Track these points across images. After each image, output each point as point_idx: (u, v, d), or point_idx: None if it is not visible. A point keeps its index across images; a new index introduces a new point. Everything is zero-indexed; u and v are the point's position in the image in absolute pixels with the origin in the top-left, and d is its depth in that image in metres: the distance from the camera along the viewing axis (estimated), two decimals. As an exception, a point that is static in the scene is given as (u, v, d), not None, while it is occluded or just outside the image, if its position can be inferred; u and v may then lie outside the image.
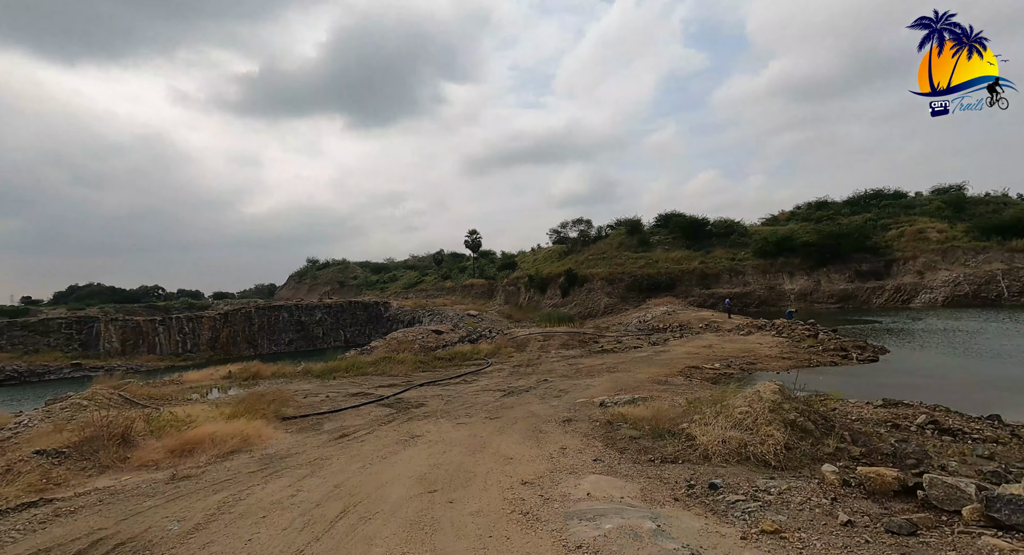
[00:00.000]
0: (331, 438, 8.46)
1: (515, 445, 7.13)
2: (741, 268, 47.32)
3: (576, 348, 22.61)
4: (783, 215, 56.76)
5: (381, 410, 11.33)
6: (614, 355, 19.35)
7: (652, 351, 19.26)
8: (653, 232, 54.53)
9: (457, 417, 9.98)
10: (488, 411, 10.47)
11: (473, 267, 68.01)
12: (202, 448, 7.49)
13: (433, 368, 18.79)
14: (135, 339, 42.81)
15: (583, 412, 9.70)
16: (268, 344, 48.15)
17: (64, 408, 13.50)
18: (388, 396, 13.21)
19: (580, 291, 50.40)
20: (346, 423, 9.86)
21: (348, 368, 18.60)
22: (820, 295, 42.96)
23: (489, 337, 25.10)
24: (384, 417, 10.36)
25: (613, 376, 14.48)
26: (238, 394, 15.27)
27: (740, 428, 5.70)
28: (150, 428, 8.29)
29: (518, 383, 14.44)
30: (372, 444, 7.81)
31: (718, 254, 50.04)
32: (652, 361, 16.80)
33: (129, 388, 16.21)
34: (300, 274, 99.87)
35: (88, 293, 75.62)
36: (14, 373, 37.73)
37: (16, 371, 37.80)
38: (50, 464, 6.56)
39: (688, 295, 45.96)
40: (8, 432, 12.49)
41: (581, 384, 13.45)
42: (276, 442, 8.30)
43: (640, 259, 50.95)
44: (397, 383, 15.62)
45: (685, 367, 15.18)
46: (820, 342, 18.19)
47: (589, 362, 17.84)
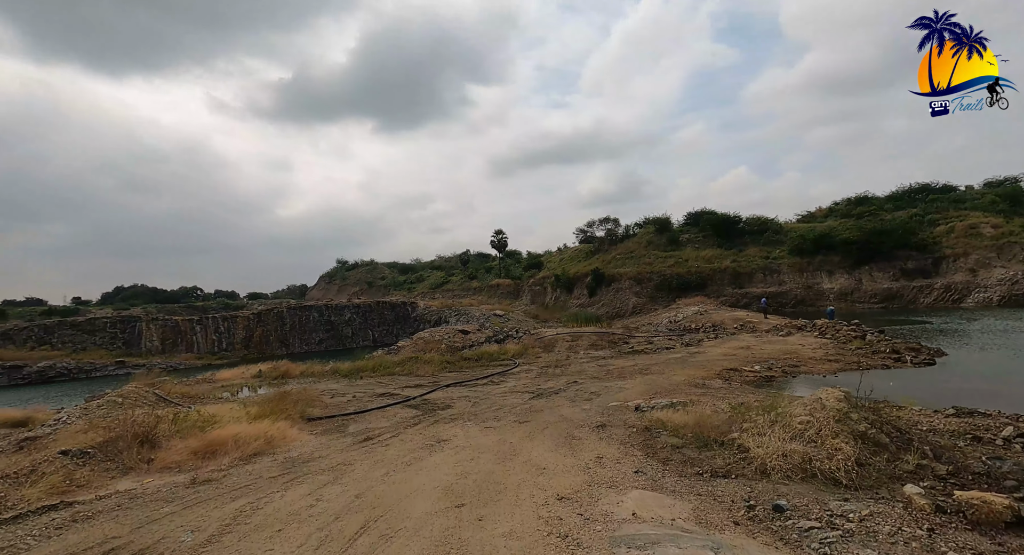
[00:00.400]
0: (355, 441, 8.14)
1: (547, 453, 6.63)
2: (776, 267, 45.50)
3: (605, 349, 21.93)
4: (820, 211, 54.38)
5: (407, 412, 11.01)
6: (646, 356, 18.60)
7: (686, 352, 18.42)
8: (683, 230, 53.04)
9: (485, 420, 9.54)
10: (517, 414, 10.00)
11: (499, 267, 67.74)
12: (225, 450, 7.27)
13: (460, 368, 18.45)
14: (174, 338, 44.17)
15: (617, 417, 9.13)
16: (299, 343, 48.98)
17: (100, 405, 13.72)
18: (414, 397, 12.91)
19: (607, 291, 49.44)
20: (371, 425, 9.56)
21: (375, 368, 18.46)
22: (862, 294, 40.85)
23: (516, 337, 24.66)
24: (410, 419, 10.02)
25: (646, 378, 13.81)
26: (267, 393, 15.26)
27: (801, 440, 5.06)
28: (176, 428, 8.15)
29: (547, 385, 13.92)
30: (397, 449, 7.44)
31: (751, 252, 48.27)
32: (687, 363, 16.01)
33: (163, 386, 16.44)
34: (330, 275, 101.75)
35: (132, 294, 78.89)
36: (64, 370, 39.41)
37: (66, 368, 39.47)
38: (74, 465, 6.43)
39: (720, 295, 44.47)
40: (48, 428, 12.75)
41: (613, 386, 12.83)
42: (300, 444, 8.03)
43: (669, 258, 49.63)
44: (424, 384, 15.33)
45: (723, 369, 14.36)
46: (868, 344, 17.01)
47: (620, 363, 17.17)
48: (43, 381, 38.45)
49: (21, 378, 38.07)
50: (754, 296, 44.06)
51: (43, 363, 38.71)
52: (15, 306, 67.97)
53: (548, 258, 66.75)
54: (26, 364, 38.55)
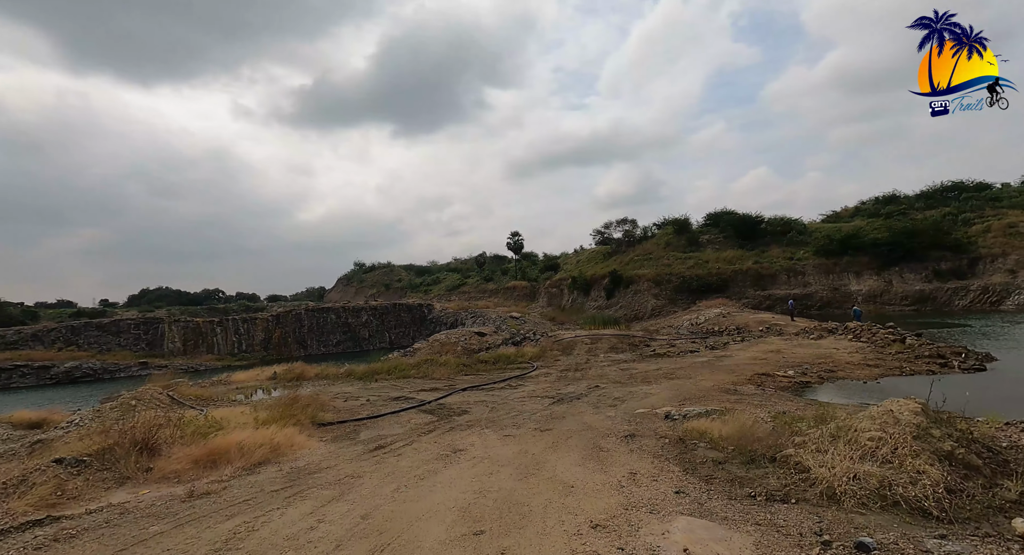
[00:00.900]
0: (366, 449, 7.60)
1: (574, 467, 5.98)
2: (800, 268, 43.97)
3: (626, 352, 21.12)
4: (846, 211, 52.57)
5: (422, 417, 10.45)
6: (669, 360, 17.77)
7: (712, 356, 17.54)
8: (702, 231, 51.74)
9: (503, 427, 8.92)
10: (537, 421, 9.36)
11: (515, 269, 67.14)
12: (228, 458, 6.78)
13: (476, 371, 17.87)
14: (195, 339, 44.58)
15: (646, 425, 8.42)
16: (317, 345, 49.06)
17: (114, 408, 13.49)
18: (429, 401, 12.36)
19: (625, 293, 48.43)
20: (384, 432, 9.01)
21: (390, 370, 18.00)
22: (892, 296, 39.14)
23: (533, 339, 24.02)
24: (425, 425, 9.46)
25: (673, 383, 13.03)
26: (281, 395, 14.90)
27: (873, 460, 4.33)
28: (179, 433, 7.71)
29: (567, 389, 13.24)
30: (410, 459, 6.86)
31: (774, 253, 46.80)
32: (714, 367, 15.16)
33: (178, 388, 16.21)
34: (348, 277, 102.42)
35: (157, 296, 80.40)
36: (90, 370, 40.01)
37: (92, 369, 40.07)
38: (67, 474, 6.00)
39: (742, 296, 43.13)
40: (60, 431, 12.53)
41: (638, 392, 12.10)
42: (307, 453, 7.52)
43: (689, 259, 48.41)
44: (439, 387, 14.78)
45: (754, 374, 13.50)
46: (909, 347, 15.91)
47: (643, 367, 16.39)
48: (70, 381, 39.08)
49: (49, 378, 38.75)
50: (778, 298, 42.65)
51: (70, 364, 39.35)
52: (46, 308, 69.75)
53: (565, 260, 65.91)
54: (54, 364, 39.23)
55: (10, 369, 37.91)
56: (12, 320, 57.04)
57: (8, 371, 37.91)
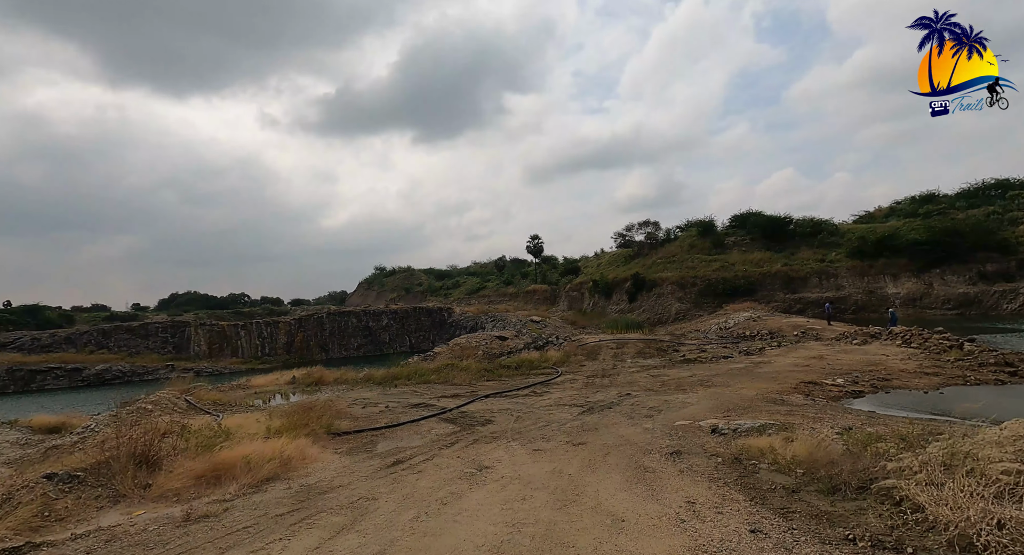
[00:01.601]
0: (383, 465, 6.88)
1: (620, 493, 5.14)
2: (833, 270, 42.05)
3: (654, 357, 20.09)
4: (880, 211, 50.31)
5: (443, 427, 9.72)
6: (702, 366, 16.69)
7: (749, 362, 16.41)
8: (728, 233, 50.12)
9: (532, 440, 8.12)
10: (568, 433, 8.53)
11: (535, 273, 66.31)
12: (234, 474, 6.15)
13: (499, 377, 17.10)
14: (220, 343, 44.95)
15: (691, 440, 7.51)
16: (339, 349, 49.03)
17: (130, 412, 13.14)
18: (451, 409, 11.64)
19: (648, 296, 47.12)
20: (403, 443, 8.30)
21: (410, 375, 17.37)
22: (932, 300, 37.00)
23: (556, 344, 23.15)
24: (446, 436, 8.72)
25: (710, 392, 12.03)
26: (298, 401, 14.38)
27: (1014, 499, 3.40)
28: (185, 445, 7.13)
29: (596, 397, 12.36)
30: (431, 478, 6.11)
31: (804, 255, 44.94)
32: (754, 374, 14.08)
33: (197, 392, 15.86)
34: (369, 281, 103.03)
35: (186, 300, 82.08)
36: (120, 373, 40.61)
37: (121, 371, 40.67)
38: (57, 492, 5.43)
39: (771, 300, 41.43)
40: (75, 437, 12.22)
41: (673, 401, 11.15)
42: (320, 467, 6.84)
43: (714, 262, 46.86)
44: (460, 393, 14.06)
45: (799, 383, 12.40)
46: (968, 354, 14.54)
47: (675, 374, 15.38)
48: (101, 383, 39.71)
49: (81, 380, 39.44)
50: (809, 301, 40.83)
51: (100, 366, 40.01)
52: (82, 312, 71.75)
53: (585, 263, 64.80)
54: (86, 367, 39.95)
55: (45, 371, 38.73)
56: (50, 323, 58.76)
57: (43, 373, 38.74)
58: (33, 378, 37.99)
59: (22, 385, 37.64)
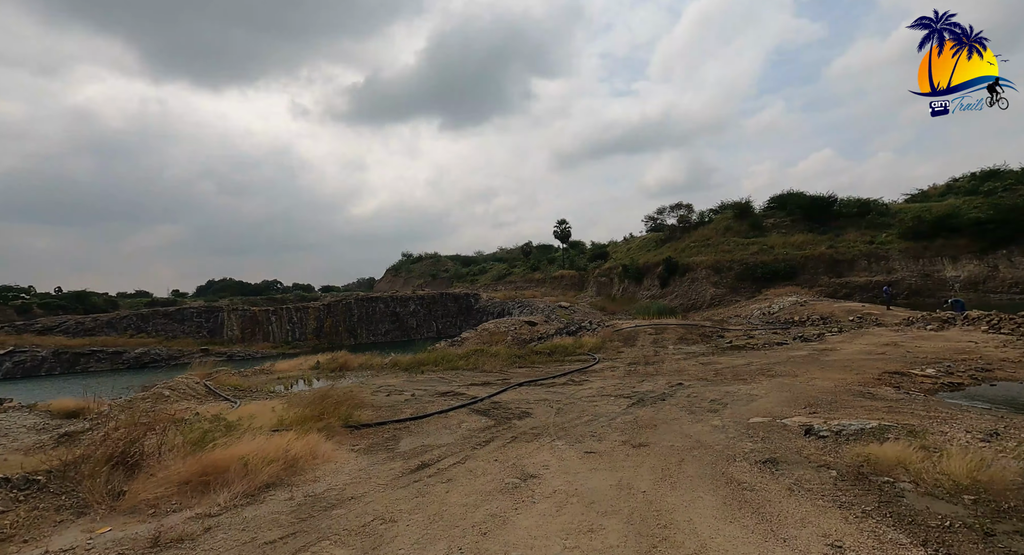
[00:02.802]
0: (405, 468, 5.66)
1: (723, 524, 3.74)
2: (883, 252, 38.91)
3: (698, 343, 18.41)
4: (935, 189, 46.40)
5: (475, 420, 8.47)
6: (756, 353, 14.98)
7: (810, 349, 14.60)
8: (766, 214, 47.19)
9: (581, 439, 6.78)
10: (622, 430, 7.15)
11: (563, 258, 64.54)
12: (226, 479, 5.02)
13: (531, 363, 15.81)
14: (252, 327, 45.20)
15: (780, 443, 6.02)
16: (367, 334, 48.77)
17: (146, 398, 12.43)
18: (482, 398, 10.41)
19: (681, 281, 44.91)
20: (429, 440, 7.08)
21: (437, 361, 16.27)
22: (998, 283, 33.70)
23: (590, 329, 21.69)
24: (479, 432, 7.46)
25: (777, 382, 10.42)
26: (319, 388, 13.44)
27: None
28: (181, 440, 6.07)
29: (644, 387, 10.92)
30: (464, 489, 4.84)
31: (850, 237, 41.78)
32: (821, 363, 12.33)
33: (218, 377, 15.15)
34: (396, 268, 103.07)
35: (222, 287, 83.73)
36: (157, 356, 41.26)
37: (158, 355, 41.32)
38: (8, 501, 4.38)
39: (813, 284, 38.73)
40: (88, 424, 11.54)
41: (736, 393, 9.60)
42: (331, 470, 5.68)
43: (752, 245, 44.16)
44: (491, 381, 12.83)
45: (882, 373, 10.62)
46: (1078, 342, 12.38)
47: (727, 361, 13.75)
48: (140, 366, 40.46)
49: (122, 363, 40.24)
50: (856, 286, 37.97)
51: (139, 350, 40.71)
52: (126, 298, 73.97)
53: (614, 248, 62.59)
54: (126, 350, 40.72)
55: (88, 354, 39.62)
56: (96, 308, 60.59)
57: (87, 356, 39.64)
58: (77, 360, 38.92)
59: (67, 367, 38.62)
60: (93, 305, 62.42)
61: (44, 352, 38.16)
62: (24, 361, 37.58)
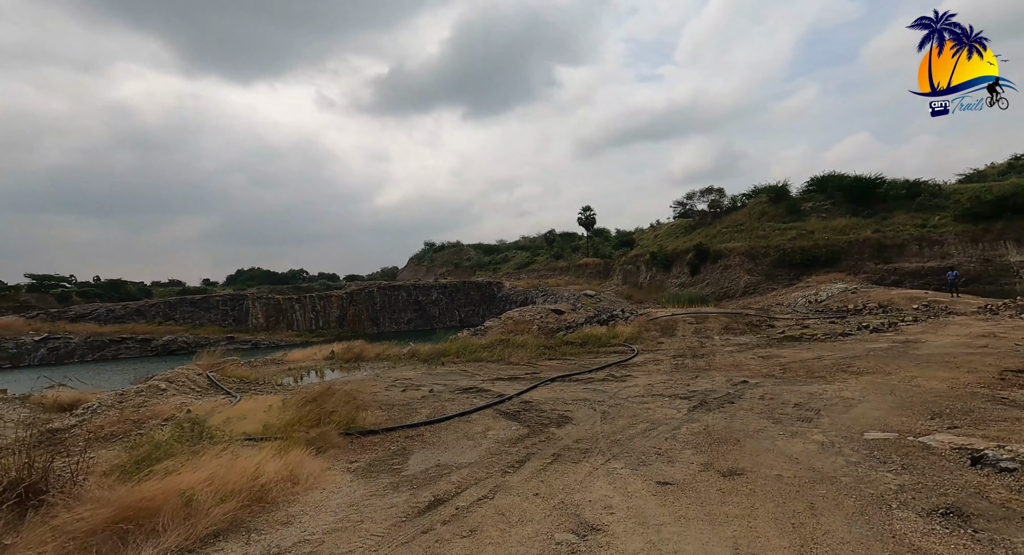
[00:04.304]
0: (412, 507, 4.03)
1: None
2: (937, 236, 35.58)
3: (746, 334, 16.36)
4: (993, 168, 42.41)
5: (503, 425, 6.83)
6: (821, 345, 12.91)
7: (889, 342, 12.45)
8: (804, 198, 44.01)
9: (643, 457, 5.06)
10: (696, 447, 5.41)
11: (587, 246, 62.29)
12: (157, 524, 3.48)
13: (562, 355, 14.11)
14: (276, 316, 44.74)
15: (937, 476, 4.18)
16: (389, 323, 47.85)
17: (140, 392, 11.19)
18: (510, 396, 8.76)
19: (713, 268, 42.33)
20: (446, 457, 5.45)
21: (459, 352, 14.72)
22: (1071, 268, 30.26)
23: (623, 317, 19.83)
24: (510, 445, 5.81)
25: (868, 381, 8.44)
26: (330, 379, 12.03)
27: None
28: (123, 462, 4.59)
29: (700, 385, 9.09)
30: (492, 550, 3.18)
31: (899, 220, 38.45)
32: (912, 358, 10.24)
33: (224, 368, 13.90)
34: (419, 257, 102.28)
35: (250, 276, 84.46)
36: (184, 343, 41.12)
37: (185, 342, 41.17)
38: None
39: (858, 271, 35.73)
40: (74, 419, 10.35)
41: (822, 395, 7.70)
42: (312, 506, 4.10)
43: (790, 230, 41.20)
44: (519, 375, 11.18)
45: (1002, 371, 8.51)
46: None
47: (790, 354, 11.76)
48: (167, 353, 40.41)
49: (150, 350, 40.25)
50: (907, 272, 34.83)
51: (167, 337, 40.64)
52: (159, 286, 75.25)
53: (640, 235, 60.02)
54: (154, 337, 40.71)
55: (118, 341, 39.73)
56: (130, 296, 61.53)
57: (117, 343, 39.76)
58: (108, 347, 39.07)
59: (98, 353, 38.81)
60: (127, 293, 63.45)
61: (76, 339, 38.39)
62: (58, 348, 37.87)
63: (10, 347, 36.70)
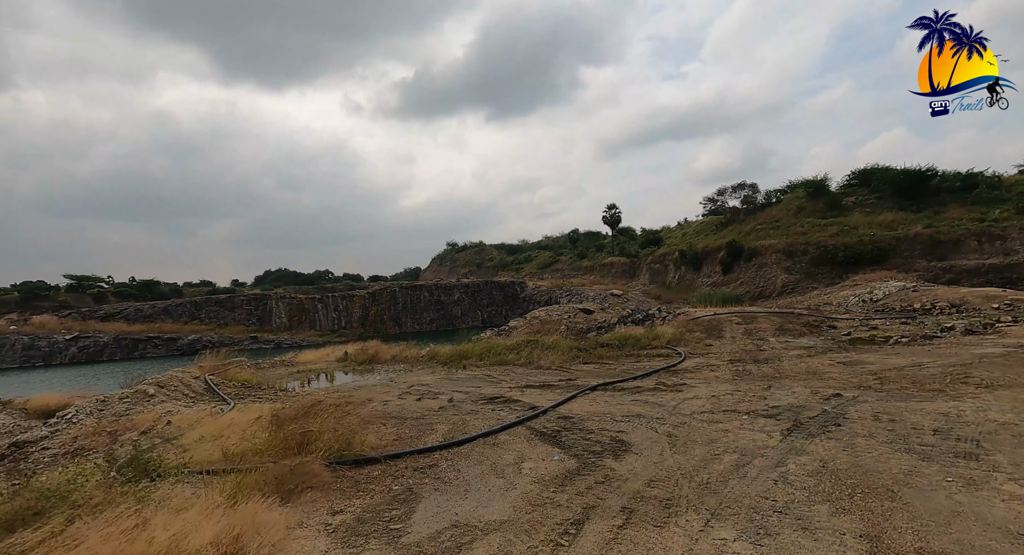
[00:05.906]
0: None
1: None
2: (999, 231, 32.28)
3: (807, 336, 14.26)
4: (1059, 157, 38.42)
5: (542, 453, 5.15)
6: (908, 349, 10.79)
7: (1000, 346, 10.26)
8: (846, 192, 40.97)
9: (759, 520, 3.31)
10: (827, 497, 3.63)
11: (612, 245, 60.05)
12: None
13: (598, 358, 12.34)
14: (299, 315, 44.13)
15: None
16: (411, 323, 46.74)
17: (124, 397, 9.88)
18: (545, 409, 7.08)
19: (747, 267, 39.70)
20: (465, 510, 3.80)
21: (483, 354, 13.10)
22: None
23: (661, 317, 17.90)
24: (555, 489, 4.12)
25: (1009, 396, 6.44)
26: (339, 384, 10.57)
27: None
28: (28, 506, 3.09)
29: (779, 398, 7.21)
30: None
31: (954, 214, 35.19)
32: (1043, 366, 8.12)
33: (228, 370, 12.60)
34: (441, 257, 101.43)
35: (277, 277, 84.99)
36: (209, 342, 40.70)
37: (210, 341, 40.75)
38: None
39: (909, 268, 32.68)
40: (47, 430, 9.12)
41: (960, 416, 5.77)
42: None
43: (831, 226, 38.25)
44: (552, 382, 9.48)
45: None
46: None
47: (877, 361, 9.71)
48: (192, 352, 40.11)
49: (176, 349, 40.03)
50: (963, 270, 31.64)
51: (192, 337, 40.39)
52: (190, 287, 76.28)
53: (667, 234, 57.43)
54: (180, 336, 40.52)
55: (145, 340, 39.64)
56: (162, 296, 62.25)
57: (144, 342, 39.68)
58: (136, 346, 39.01)
59: (127, 352, 38.77)
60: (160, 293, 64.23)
61: (106, 338, 38.43)
62: (88, 346, 37.96)
63: (43, 346, 36.93)
